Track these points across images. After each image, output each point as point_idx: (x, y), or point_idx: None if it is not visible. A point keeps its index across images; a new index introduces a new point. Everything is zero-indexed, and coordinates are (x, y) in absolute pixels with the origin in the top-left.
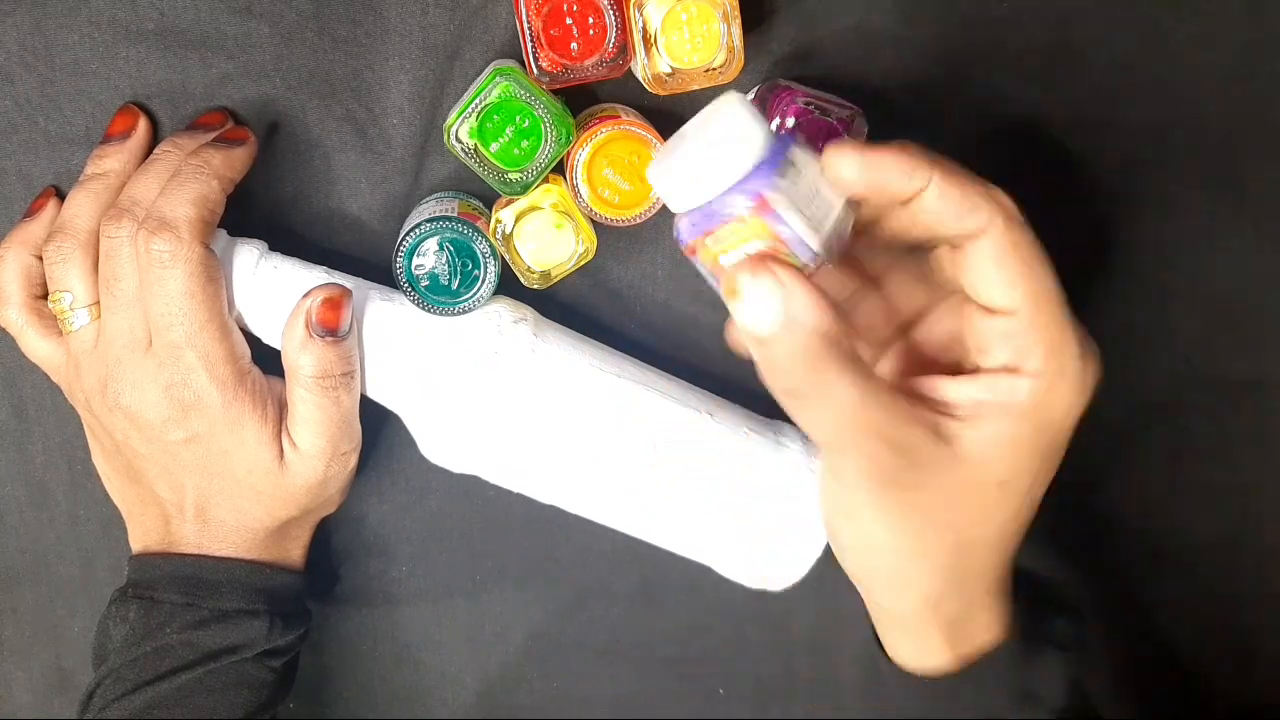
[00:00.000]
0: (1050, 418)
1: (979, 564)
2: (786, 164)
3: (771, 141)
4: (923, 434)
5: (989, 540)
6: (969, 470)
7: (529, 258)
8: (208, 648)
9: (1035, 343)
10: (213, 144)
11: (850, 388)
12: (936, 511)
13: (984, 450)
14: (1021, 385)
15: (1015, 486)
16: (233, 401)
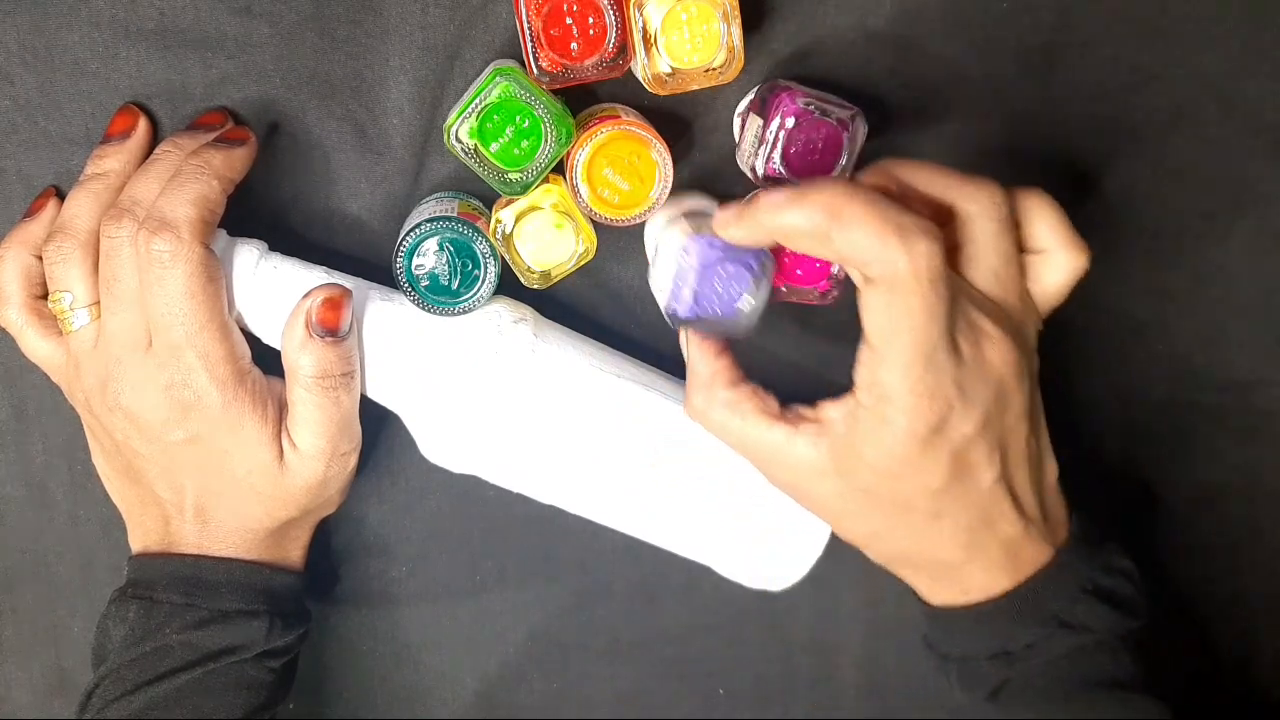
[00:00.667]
0: (892, 443)
1: (902, 536)
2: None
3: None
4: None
5: (894, 524)
6: (841, 478)
7: (529, 258)
8: (207, 648)
9: (881, 383)
10: (213, 144)
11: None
12: (835, 509)
13: (846, 463)
14: (864, 416)
15: (882, 492)
16: (233, 402)
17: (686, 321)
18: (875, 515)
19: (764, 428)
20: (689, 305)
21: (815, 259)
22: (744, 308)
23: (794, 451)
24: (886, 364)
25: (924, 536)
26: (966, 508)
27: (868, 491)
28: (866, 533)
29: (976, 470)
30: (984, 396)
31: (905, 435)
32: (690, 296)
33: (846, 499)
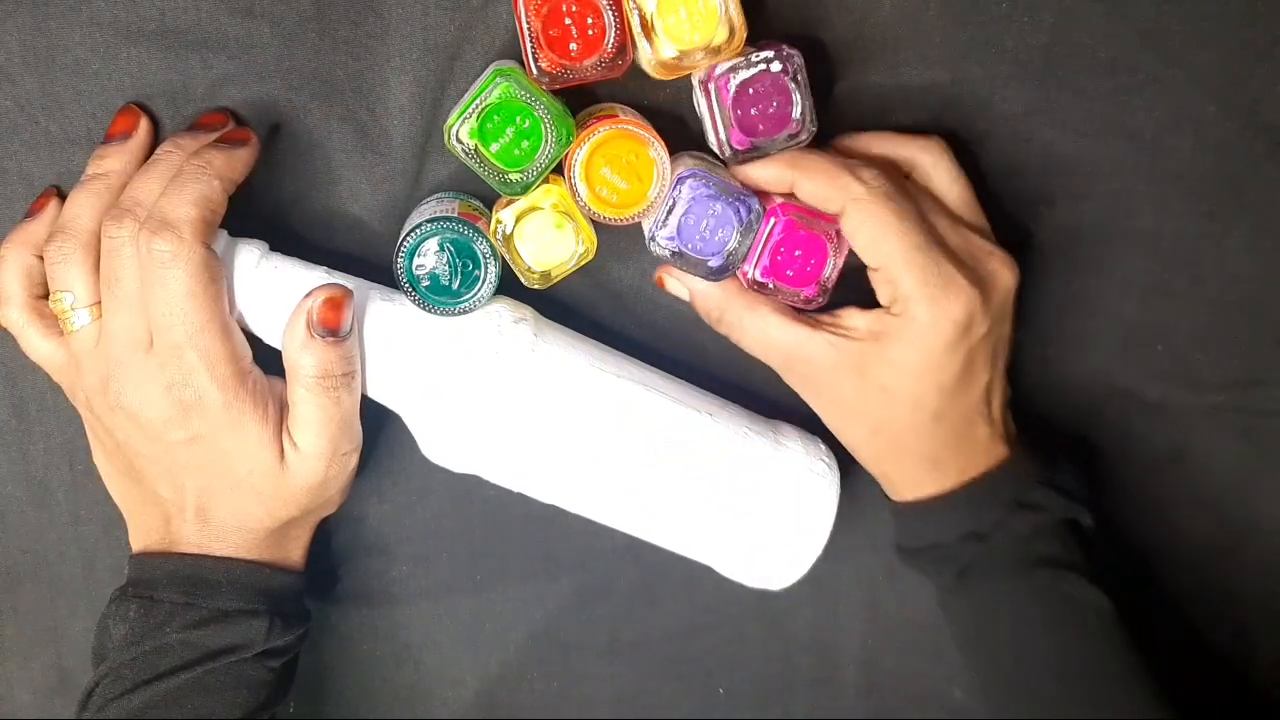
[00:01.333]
0: (921, 340)
1: (905, 430)
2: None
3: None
4: (819, 347)
5: (901, 424)
6: (860, 376)
7: (529, 258)
8: (207, 647)
9: (899, 290)
10: (215, 145)
11: (753, 321)
12: (847, 404)
13: (868, 362)
14: (892, 321)
15: (899, 389)
16: (233, 402)
17: (666, 250)
18: (884, 412)
19: (782, 325)
20: (672, 234)
21: (807, 262)
22: (726, 249)
23: (812, 349)
24: (892, 271)
25: (923, 434)
26: (963, 409)
27: (884, 389)
28: (869, 430)
29: (978, 374)
30: (996, 302)
31: (932, 336)
32: (675, 226)
33: (862, 397)
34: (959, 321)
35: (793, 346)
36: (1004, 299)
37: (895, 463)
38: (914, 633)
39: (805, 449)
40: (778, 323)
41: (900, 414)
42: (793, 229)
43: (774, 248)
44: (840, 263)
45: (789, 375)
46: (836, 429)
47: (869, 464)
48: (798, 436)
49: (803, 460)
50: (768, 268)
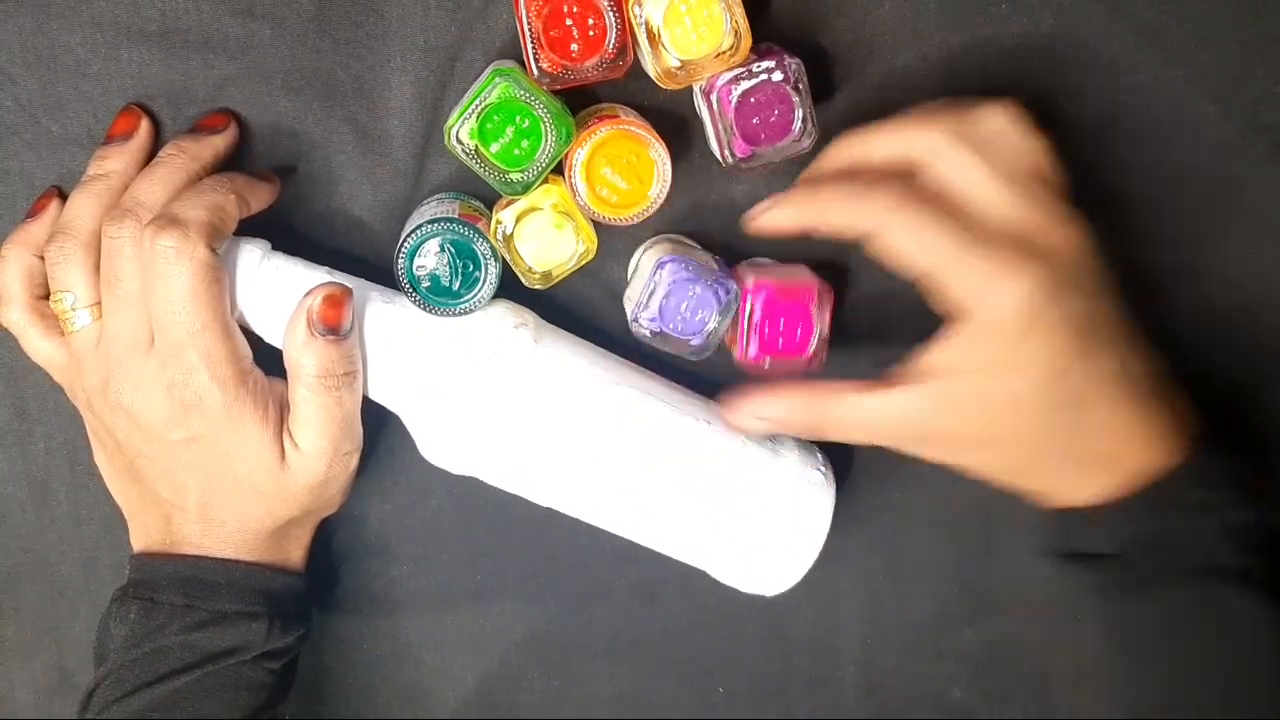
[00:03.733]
0: (990, 340)
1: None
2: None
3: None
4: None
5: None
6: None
7: (530, 258)
8: (206, 650)
9: (950, 295)
10: (241, 172)
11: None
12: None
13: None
14: (955, 337)
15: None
16: (234, 402)
17: (648, 331)
18: (996, 428)
19: (872, 398)
20: (654, 316)
21: (794, 330)
22: (706, 330)
23: (911, 409)
24: (937, 278)
25: (1051, 434)
26: (1084, 397)
27: (981, 410)
28: (989, 454)
29: (1084, 354)
30: (1070, 269)
31: (1001, 327)
32: (657, 309)
33: (971, 431)
34: (1023, 303)
35: (890, 414)
36: (1079, 262)
37: (1035, 475)
38: (914, 633)
39: (801, 457)
40: (864, 399)
41: (1010, 423)
42: (771, 304)
43: (758, 327)
44: (828, 320)
45: (904, 446)
46: (974, 471)
47: (1015, 485)
48: (795, 445)
49: (798, 469)
50: (759, 347)
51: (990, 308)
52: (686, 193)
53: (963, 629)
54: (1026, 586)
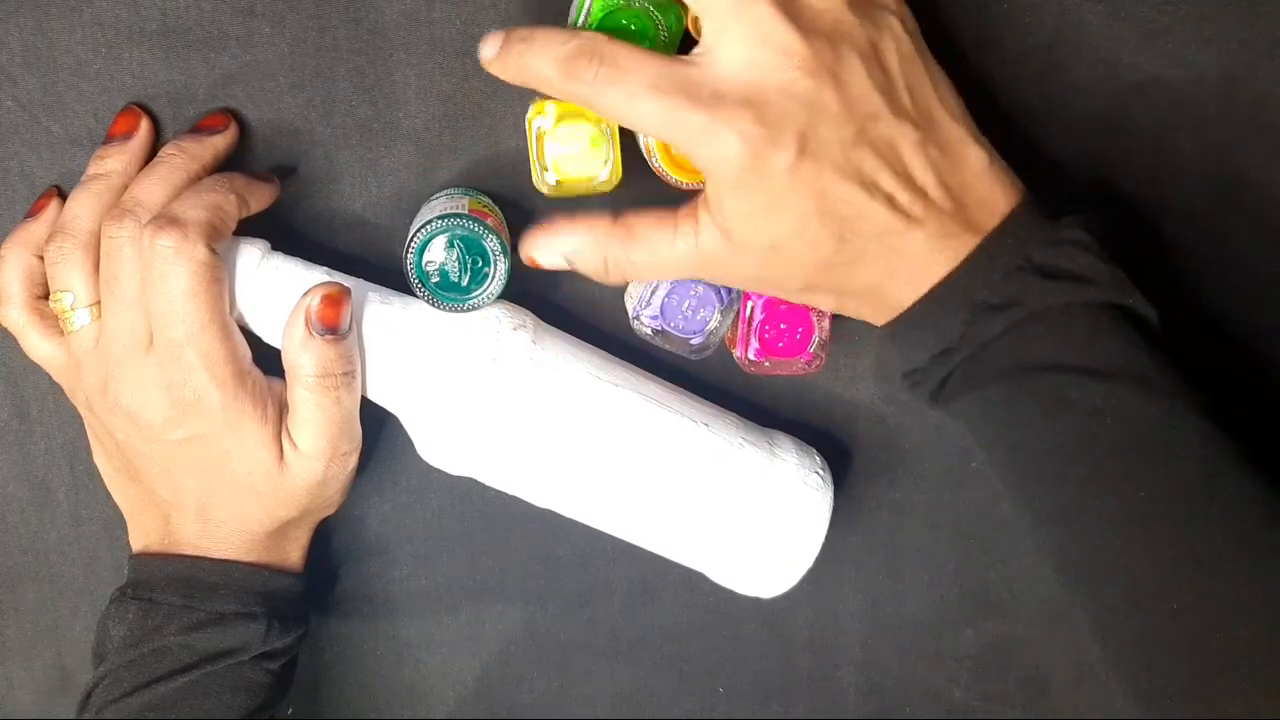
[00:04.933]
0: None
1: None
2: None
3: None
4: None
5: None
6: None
7: (552, 159)
8: (205, 650)
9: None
10: (241, 173)
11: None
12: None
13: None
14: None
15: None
16: (233, 402)
17: (650, 329)
18: (784, 269)
19: (669, 242)
20: (656, 314)
21: (794, 332)
22: (707, 329)
23: (703, 248)
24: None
25: (836, 269)
26: (857, 229)
27: (766, 252)
28: (787, 289)
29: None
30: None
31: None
32: (659, 307)
33: (760, 268)
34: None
35: (682, 257)
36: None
37: (836, 303)
38: (914, 633)
39: (800, 460)
40: (658, 245)
41: (795, 260)
42: (772, 306)
43: (759, 329)
44: (828, 324)
45: (707, 278)
46: (780, 296)
47: (823, 310)
48: (793, 447)
49: (797, 472)
50: (760, 349)
51: (715, 167)
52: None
53: (963, 629)
54: (1026, 586)
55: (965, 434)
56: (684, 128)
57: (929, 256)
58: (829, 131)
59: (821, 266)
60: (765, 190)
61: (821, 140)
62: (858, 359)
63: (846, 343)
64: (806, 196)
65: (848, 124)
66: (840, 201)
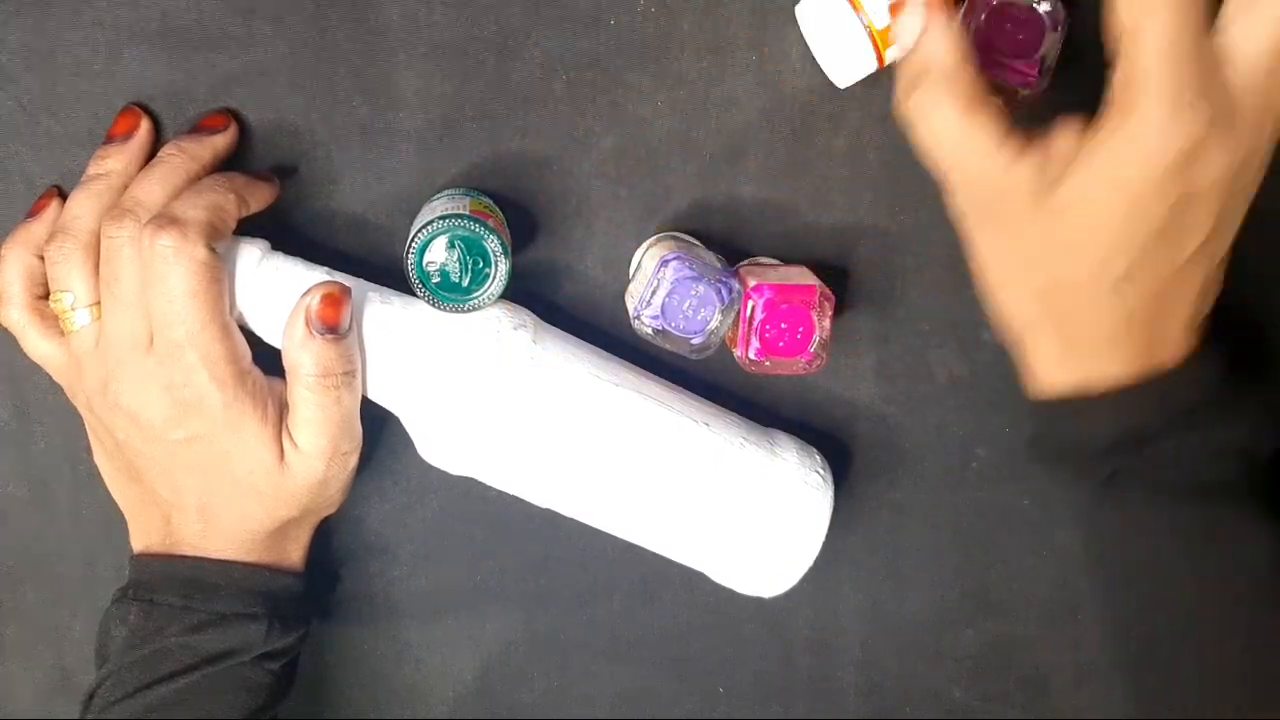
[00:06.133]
0: (1134, 153)
1: (1081, 295)
2: None
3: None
4: (1024, 180)
5: (1081, 281)
6: (1056, 216)
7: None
8: (206, 651)
9: (1135, 77)
10: (241, 172)
11: (953, 126)
12: (1023, 251)
13: (1068, 199)
14: (1096, 141)
15: (1100, 242)
16: (233, 402)
17: (650, 329)
18: (1059, 265)
19: (996, 142)
20: (656, 314)
21: (795, 332)
22: (708, 329)
23: (1014, 179)
24: (1135, 66)
25: (1093, 306)
26: (1155, 278)
27: (1068, 235)
28: (1032, 290)
29: (1187, 234)
30: (1239, 146)
31: (1142, 161)
32: (659, 307)
33: (1040, 241)
34: (1185, 145)
35: (992, 169)
36: (1250, 147)
37: (1050, 337)
38: (914, 633)
39: (800, 459)
40: (990, 137)
41: (1080, 269)
42: (773, 307)
43: (760, 328)
44: (828, 324)
45: (965, 200)
46: (994, 283)
47: (1019, 332)
48: (793, 446)
49: (797, 471)
50: (760, 348)
51: (1158, 122)
52: (689, 191)
53: (963, 629)
54: (1026, 586)
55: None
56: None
57: (1167, 345)
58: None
59: (1096, 284)
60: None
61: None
62: (858, 359)
63: (847, 343)
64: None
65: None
66: (1182, 243)
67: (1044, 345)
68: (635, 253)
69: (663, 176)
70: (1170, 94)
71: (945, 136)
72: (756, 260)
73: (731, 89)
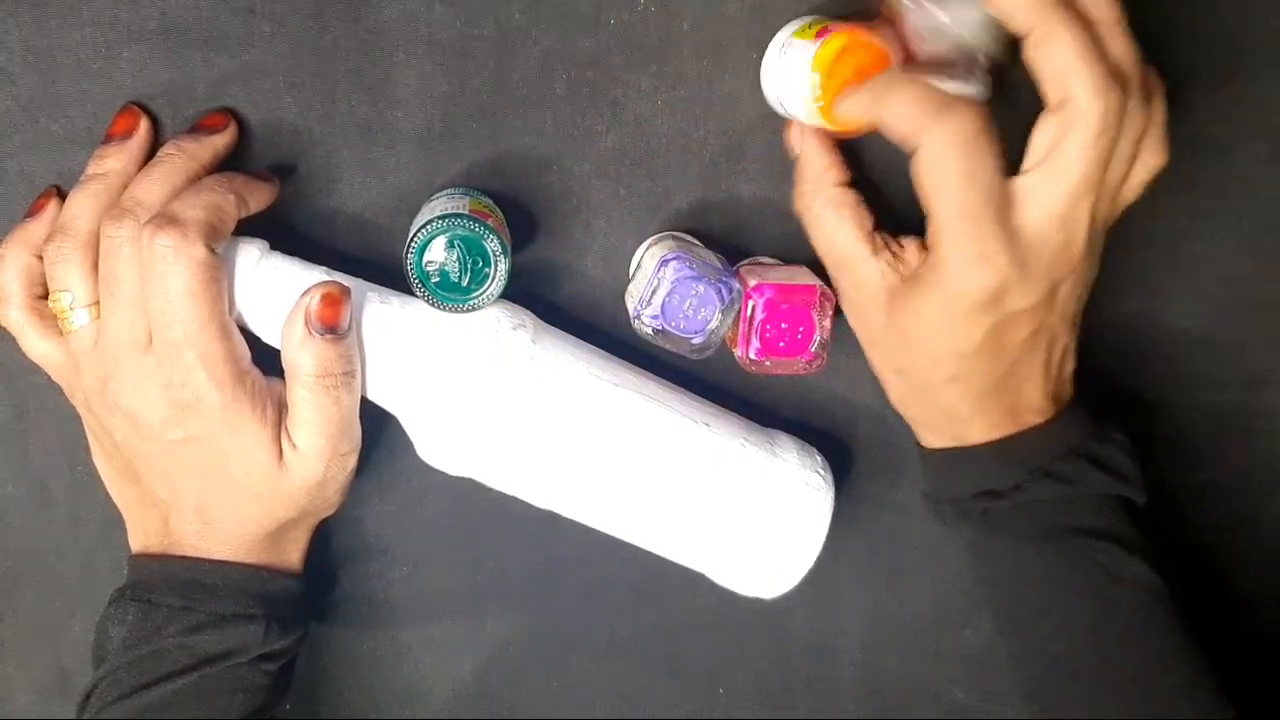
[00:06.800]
0: (942, 297)
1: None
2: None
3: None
4: (869, 271)
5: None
6: (889, 314)
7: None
8: (204, 652)
9: (936, 240)
10: (241, 172)
11: (830, 220)
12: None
13: (898, 303)
14: (925, 269)
15: (918, 340)
16: (231, 402)
17: (650, 329)
18: (905, 358)
19: (852, 237)
20: (656, 314)
21: (795, 332)
22: (708, 329)
23: (865, 273)
24: (936, 225)
25: (943, 392)
26: (985, 377)
27: (904, 337)
28: (894, 369)
29: (1007, 351)
30: (1040, 288)
31: (951, 299)
32: (659, 307)
33: (887, 334)
34: (984, 292)
35: (850, 260)
36: (1053, 281)
37: (917, 409)
38: (914, 633)
39: (801, 460)
40: (849, 232)
41: (919, 365)
42: (774, 307)
43: (760, 328)
44: (829, 324)
45: (837, 284)
46: (869, 358)
47: (895, 404)
48: (794, 447)
49: (798, 472)
50: (760, 348)
51: (957, 275)
52: (689, 191)
53: (962, 629)
54: None
55: None
56: (977, 227)
57: (1015, 417)
58: (1041, 319)
59: (940, 383)
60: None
61: (1036, 317)
62: (859, 359)
63: (847, 343)
64: (987, 338)
65: (1054, 319)
66: (1009, 358)
67: (915, 415)
68: (635, 253)
69: (663, 176)
70: (965, 252)
71: (821, 228)
72: (757, 260)
73: (731, 89)
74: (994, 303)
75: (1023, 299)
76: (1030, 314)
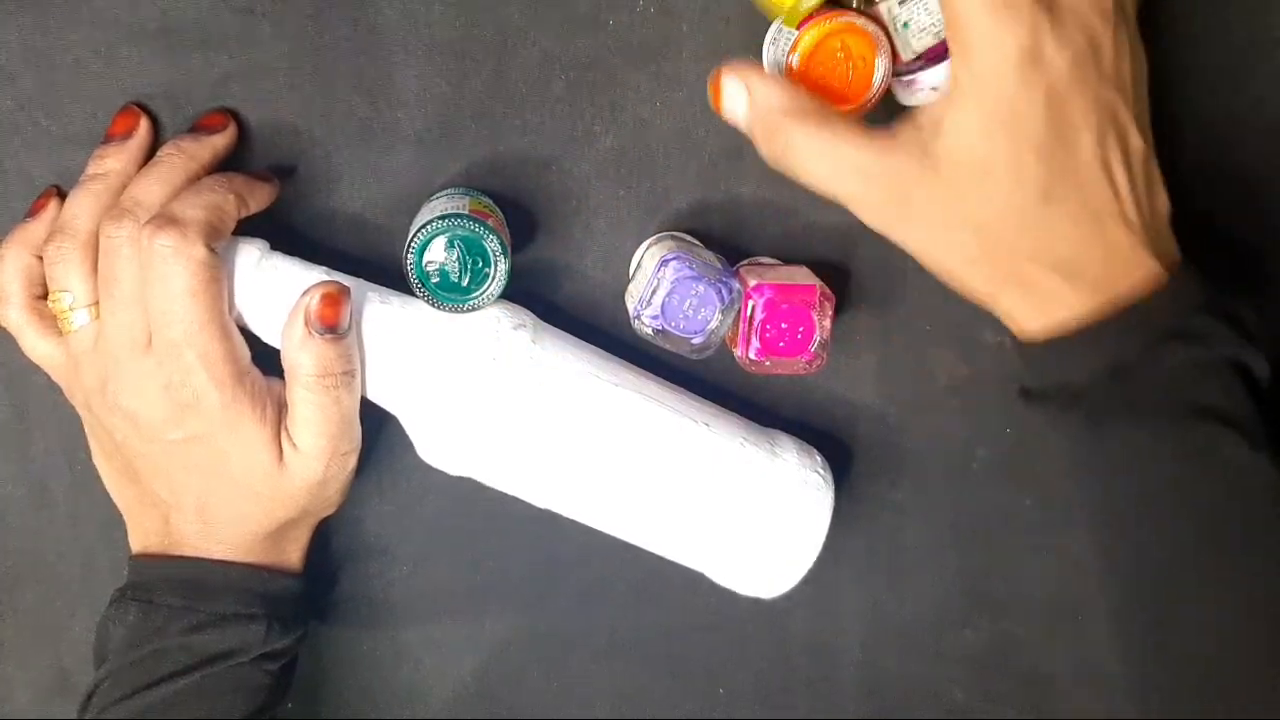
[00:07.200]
0: (981, 80)
1: (1013, 220)
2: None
3: None
4: (905, 157)
5: (1003, 214)
6: (950, 167)
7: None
8: (205, 652)
9: (954, 11)
10: (240, 172)
11: (825, 143)
12: (941, 214)
13: (952, 144)
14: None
15: (979, 158)
16: (231, 402)
17: (650, 329)
18: (978, 203)
19: (861, 143)
20: (656, 314)
21: (795, 332)
22: (708, 329)
23: (894, 162)
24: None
25: (1037, 224)
26: (1073, 186)
27: (964, 169)
28: (972, 239)
29: (1075, 124)
30: (1077, 35)
31: (988, 77)
32: (659, 307)
33: (949, 200)
34: (1018, 46)
35: (869, 169)
36: (1088, 34)
37: (1014, 278)
38: (914, 633)
39: (800, 460)
40: (854, 140)
41: (997, 194)
42: (773, 307)
43: (760, 328)
44: (829, 324)
45: (869, 206)
46: (938, 265)
47: (989, 292)
48: (794, 447)
49: (797, 471)
50: (761, 348)
51: (987, 37)
52: (689, 191)
53: (962, 629)
54: (1026, 586)
55: (964, 435)
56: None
57: (1123, 265)
58: (1094, 84)
59: (1018, 215)
60: (1014, 95)
61: (1088, 79)
62: (858, 359)
63: (847, 343)
64: (1044, 119)
65: (1110, 90)
66: (1075, 142)
67: (1007, 301)
68: (635, 253)
69: (663, 176)
70: (985, 5)
71: (817, 161)
72: (756, 260)
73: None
74: (1032, 60)
75: (1061, 47)
76: (1077, 72)
